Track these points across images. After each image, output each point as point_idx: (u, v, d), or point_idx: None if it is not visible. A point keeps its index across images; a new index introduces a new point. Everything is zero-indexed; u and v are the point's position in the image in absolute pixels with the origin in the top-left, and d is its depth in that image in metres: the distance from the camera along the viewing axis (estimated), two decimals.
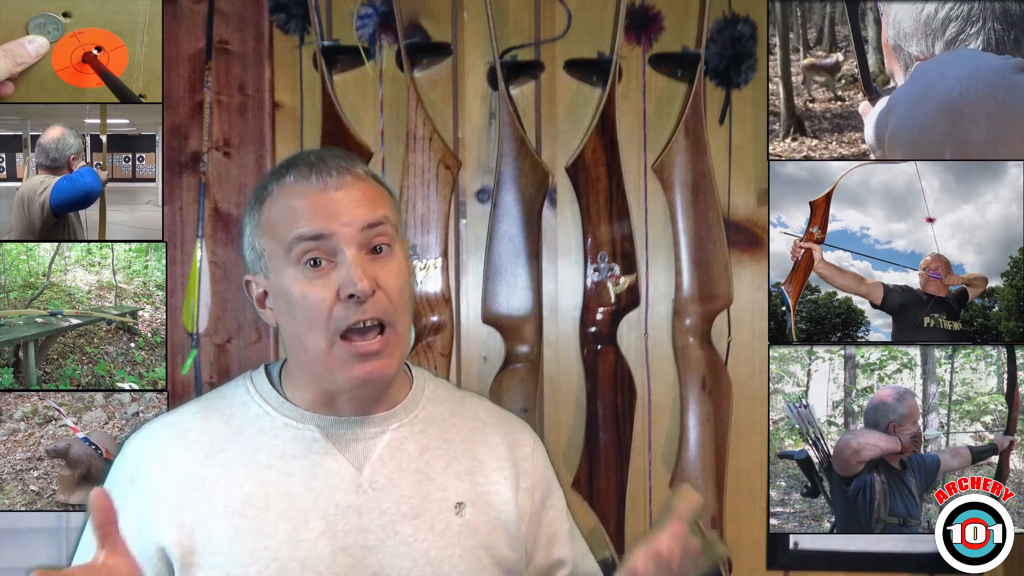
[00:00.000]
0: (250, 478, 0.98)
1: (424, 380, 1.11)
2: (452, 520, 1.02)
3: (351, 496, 0.99)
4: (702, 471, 1.51)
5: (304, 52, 1.55)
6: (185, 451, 1.00)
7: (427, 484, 1.02)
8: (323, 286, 0.95)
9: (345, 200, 0.96)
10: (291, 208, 0.96)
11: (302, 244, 0.95)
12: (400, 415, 1.04)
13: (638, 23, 1.53)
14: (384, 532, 0.99)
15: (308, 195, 0.96)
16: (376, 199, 0.99)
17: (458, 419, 1.09)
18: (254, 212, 1.00)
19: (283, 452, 1.00)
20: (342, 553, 0.97)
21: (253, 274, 1.02)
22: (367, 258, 0.96)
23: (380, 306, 0.95)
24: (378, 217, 0.97)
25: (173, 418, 1.05)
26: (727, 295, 1.52)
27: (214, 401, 1.06)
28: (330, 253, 0.95)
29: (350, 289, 0.93)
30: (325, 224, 0.94)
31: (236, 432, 1.01)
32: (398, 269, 0.98)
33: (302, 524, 0.97)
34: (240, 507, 0.97)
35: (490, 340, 1.56)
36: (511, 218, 1.49)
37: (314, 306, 0.95)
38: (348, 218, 0.95)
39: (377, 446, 1.02)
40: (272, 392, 1.03)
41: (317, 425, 1.01)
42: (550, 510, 1.13)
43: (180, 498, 0.97)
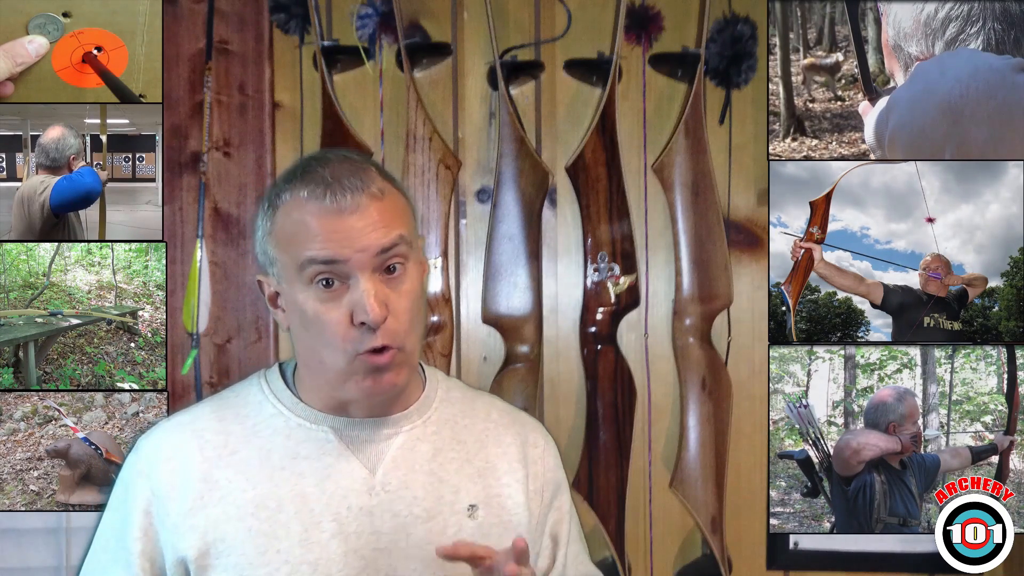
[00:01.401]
0: (263, 479, 0.98)
1: (437, 381, 1.11)
2: (465, 523, 1.02)
3: (364, 498, 0.99)
4: (702, 471, 1.51)
5: (304, 52, 1.54)
6: (200, 451, 1.00)
7: (440, 486, 1.02)
8: (336, 308, 0.94)
9: (359, 224, 0.94)
10: (304, 226, 0.95)
11: (314, 266, 0.94)
12: (413, 417, 1.05)
13: (638, 23, 1.53)
14: (396, 535, 0.99)
15: (322, 216, 0.94)
16: (391, 218, 0.96)
17: (470, 420, 1.09)
18: (267, 217, 0.99)
19: (296, 453, 1.00)
20: (354, 555, 0.97)
21: (265, 275, 1.02)
22: (380, 280, 0.95)
23: (390, 333, 0.95)
24: (392, 239, 0.95)
25: (187, 417, 1.05)
26: (727, 295, 1.52)
27: (228, 400, 1.06)
28: (343, 276, 0.94)
29: (362, 317, 0.93)
30: (338, 250, 0.93)
31: (250, 433, 1.01)
32: (410, 289, 0.97)
33: (314, 526, 0.97)
34: (253, 508, 0.97)
35: (490, 340, 1.56)
36: (511, 218, 1.49)
37: (330, 327, 0.94)
38: (363, 244, 0.93)
39: (390, 448, 1.02)
40: (286, 392, 1.04)
41: (331, 426, 1.01)
42: (554, 511, 1.13)
43: (194, 500, 0.98)
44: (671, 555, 1.60)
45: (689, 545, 1.60)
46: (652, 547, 1.58)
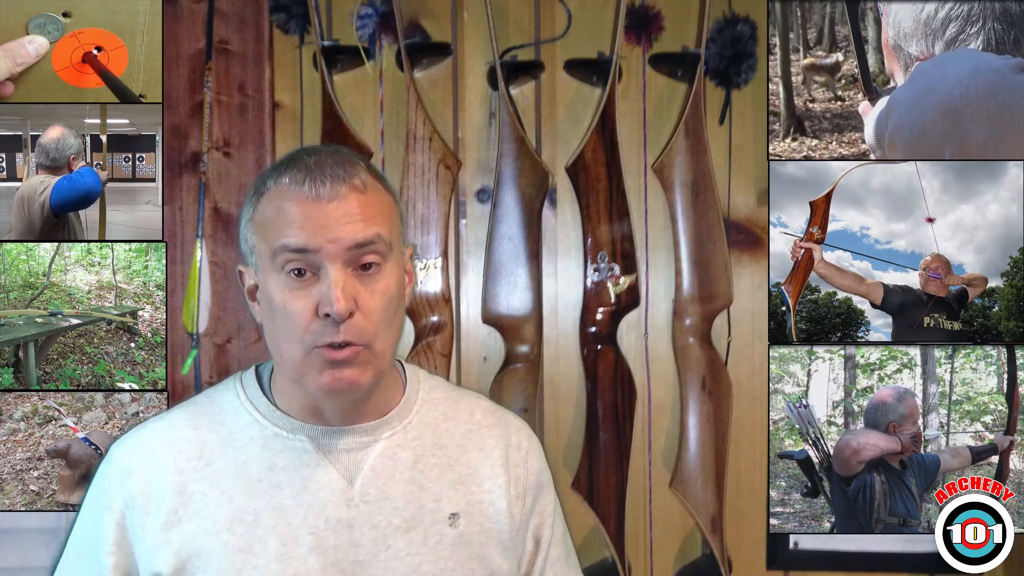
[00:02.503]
0: (239, 492, 0.96)
1: (419, 381, 1.08)
2: (446, 532, 1.00)
3: (342, 510, 0.97)
4: (702, 471, 1.51)
5: (304, 52, 1.55)
6: (174, 462, 0.97)
7: (421, 495, 1.00)
8: (304, 298, 0.92)
9: (336, 214, 0.92)
10: (282, 212, 0.93)
11: (286, 254, 0.92)
12: (393, 422, 1.02)
13: (638, 23, 1.53)
14: (376, 547, 0.97)
15: (299, 202, 0.92)
16: (372, 213, 0.94)
17: (452, 423, 1.07)
18: (250, 206, 0.97)
19: (273, 464, 0.97)
20: (332, 569, 0.95)
21: (246, 266, 1.00)
22: (352, 275, 0.93)
23: (356, 330, 0.92)
24: (369, 236, 0.93)
25: (162, 425, 1.02)
26: (727, 295, 1.52)
27: (203, 407, 1.03)
28: (314, 267, 0.92)
29: (327, 309, 0.90)
30: (311, 238, 0.91)
31: (226, 443, 0.99)
32: (384, 289, 0.94)
33: (292, 540, 0.95)
34: (228, 523, 0.95)
35: (490, 340, 1.56)
36: (511, 218, 1.49)
37: (293, 317, 0.92)
38: (336, 234, 0.91)
39: (369, 456, 1.00)
40: (262, 399, 1.01)
41: (308, 435, 0.99)
42: (536, 515, 1.10)
43: (168, 515, 0.96)
44: (671, 555, 1.60)
45: (689, 545, 1.60)
46: (652, 547, 1.58)
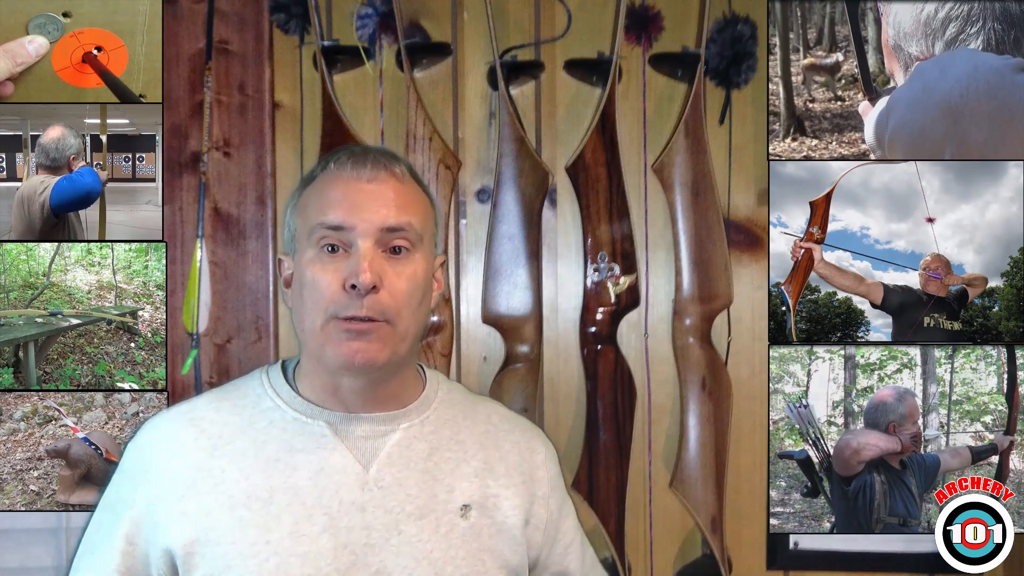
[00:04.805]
0: (256, 471, 0.99)
1: (438, 382, 1.12)
2: (457, 522, 1.02)
3: (356, 493, 0.99)
4: (702, 471, 1.51)
5: (304, 52, 1.55)
6: (195, 440, 1.01)
7: (434, 485, 1.03)
8: (333, 272, 0.97)
9: (374, 194, 0.98)
10: (323, 195, 0.99)
11: (322, 231, 0.98)
12: (412, 415, 1.05)
13: (638, 23, 1.53)
14: (387, 531, 0.99)
15: (340, 184, 0.99)
16: (407, 203, 1.00)
17: (470, 422, 1.10)
18: (296, 195, 1.04)
19: (291, 446, 1.00)
20: (344, 550, 0.97)
21: (285, 254, 1.06)
22: (381, 255, 0.98)
23: (379, 306, 0.96)
24: (401, 222, 0.98)
25: (186, 407, 1.06)
26: (727, 295, 1.52)
27: (228, 392, 1.08)
28: (347, 244, 0.98)
29: (352, 279, 0.95)
30: (347, 216, 0.97)
31: (246, 424, 1.02)
32: (411, 274, 0.99)
33: (305, 519, 0.97)
34: (244, 499, 0.98)
35: (490, 340, 1.56)
36: (511, 218, 1.49)
37: (320, 288, 0.97)
38: (369, 214, 0.97)
39: (386, 444, 1.02)
40: (285, 386, 1.05)
41: (326, 420, 1.02)
42: (566, 518, 1.15)
43: (186, 487, 0.98)
44: (671, 555, 1.60)
45: (689, 545, 1.60)
46: (652, 547, 1.58)
